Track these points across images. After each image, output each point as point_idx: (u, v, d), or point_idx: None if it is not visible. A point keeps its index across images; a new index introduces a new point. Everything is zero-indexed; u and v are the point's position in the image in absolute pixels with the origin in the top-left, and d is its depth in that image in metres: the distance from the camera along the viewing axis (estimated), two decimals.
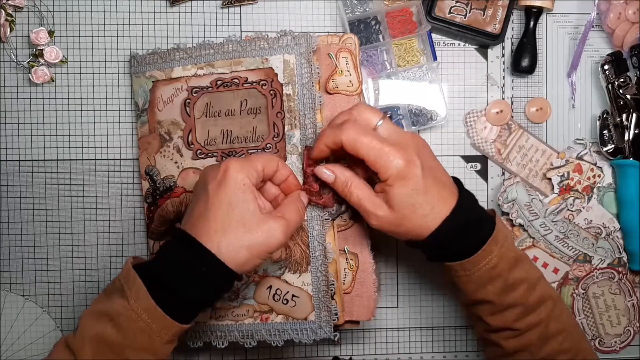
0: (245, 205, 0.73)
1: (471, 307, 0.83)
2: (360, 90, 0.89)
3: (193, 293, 0.73)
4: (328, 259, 0.85)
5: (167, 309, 0.72)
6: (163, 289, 0.72)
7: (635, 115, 0.95)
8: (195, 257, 0.72)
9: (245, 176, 0.74)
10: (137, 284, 0.72)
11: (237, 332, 0.88)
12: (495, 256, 0.77)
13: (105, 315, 0.73)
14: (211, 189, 0.74)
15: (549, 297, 0.80)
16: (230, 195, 0.73)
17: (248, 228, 0.73)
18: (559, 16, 1.00)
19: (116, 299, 0.73)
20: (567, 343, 0.80)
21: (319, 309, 0.86)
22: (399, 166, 0.75)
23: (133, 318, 0.71)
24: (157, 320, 0.72)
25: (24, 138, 0.95)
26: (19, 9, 0.94)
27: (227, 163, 0.74)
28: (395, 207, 0.76)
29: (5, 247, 0.96)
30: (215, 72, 0.88)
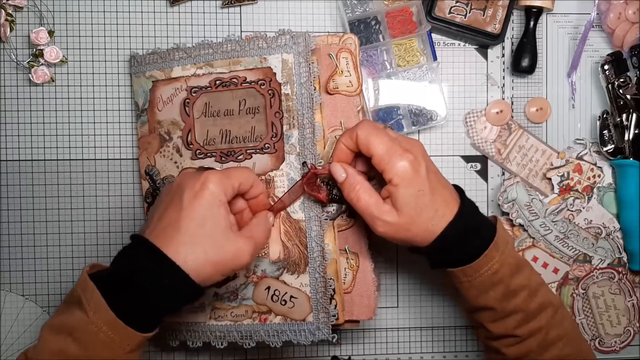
0: (218, 221, 0.73)
1: (473, 313, 0.83)
2: (360, 91, 0.89)
3: (155, 304, 0.72)
4: (326, 260, 0.85)
5: (128, 319, 0.70)
6: (124, 299, 0.70)
7: (635, 115, 0.95)
8: (160, 267, 0.71)
9: (221, 192, 0.74)
10: (96, 296, 0.70)
11: (236, 333, 0.88)
12: (496, 262, 0.77)
13: (65, 329, 0.71)
14: (186, 199, 0.73)
15: (549, 304, 0.80)
16: (205, 210, 0.73)
17: (217, 245, 0.73)
18: (559, 16, 1.00)
19: (75, 312, 0.71)
20: (568, 349, 0.80)
21: (317, 310, 0.86)
22: (405, 165, 0.75)
23: (93, 331, 0.69)
24: (118, 331, 0.70)
25: (24, 138, 0.95)
26: (19, 9, 0.94)
27: (207, 176, 0.74)
28: (401, 209, 0.76)
29: (5, 247, 0.96)
30: (214, 71, 0.88)
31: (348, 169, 0.80)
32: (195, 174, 0.75)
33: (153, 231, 0.74)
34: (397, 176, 0.75)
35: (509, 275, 0.78)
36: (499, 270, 0.77)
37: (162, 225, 0.73)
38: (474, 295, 0.79)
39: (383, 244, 0.97)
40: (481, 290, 0.78)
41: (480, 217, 0.80)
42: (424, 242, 0.78)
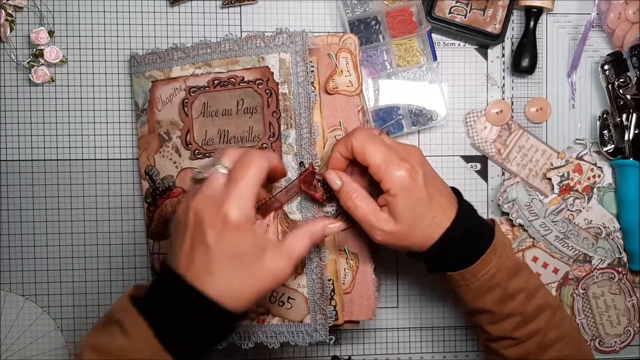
0: (250, 251, 0.70)
1: (472, 316, 0.83)
2: (360, 91, 0.89)
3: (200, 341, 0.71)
4: (323, 261, 0.85)
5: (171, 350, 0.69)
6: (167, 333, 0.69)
7: (635, 115, 0.95)
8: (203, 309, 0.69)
9: (246, 219, 0.70)
10: (139, 322, 0.69)
11: (235, 334, 0.88)
12: (493, 266, 0.77)
13: (107, 351, 0.70)
14: (211, 240, 0.69)
15: (547, 306, 0.80)
16: (234, 246, 0.69)
17: (256, 275, 0.70)
18: (559, 16, 1.00)
19: (117, 335, 0.70)
20: (567, 350, 0.80)
21: (314, 311, 0.86)
22: (402, 176, 0.75)
23: (136, 358, 0.68)
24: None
25: (24, 138, 0.95)
26: (19, 9, 0.94)
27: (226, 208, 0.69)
28: (399, 218, 0.76)
29: (5, 247, 0.96)
30: (212, 71, 0.88)
31: (343, 177, 0.80)
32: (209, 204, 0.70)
33: (188, 270, 0.70)
34: (394, 186, 0.75)
35: (506, 278, 0.78)
36: (496, 274, 0.77)
37: (195, 266, 0.70)
38: (471, 298, 0.80)
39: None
40: (478, 293, 0.78)
41: (478, 220, 0.80)
42: (422, 248, 0.78)
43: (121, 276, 0.97)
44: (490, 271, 0.77)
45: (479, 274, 0.77)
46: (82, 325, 0.97)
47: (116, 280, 0.97)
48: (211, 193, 0.71)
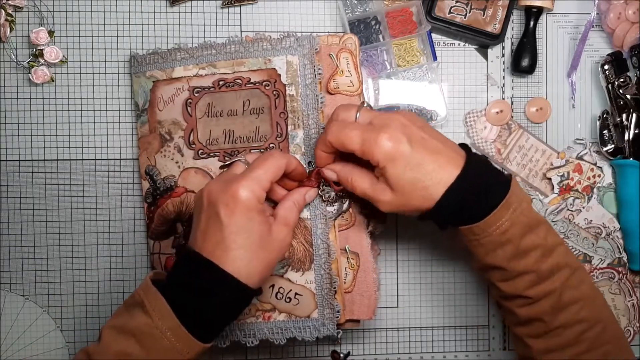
0: (261, 228, 0.75)
1: (484, 272, 0.82)
2: (360, 90, 0.89)
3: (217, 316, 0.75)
4: (331, 257, 0.86)
5: (191, 328, 0.72)
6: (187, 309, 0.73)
7: (635, 115, 0.95)
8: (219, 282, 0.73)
9: (256, 201, 0.74)
10: (161, 302, 0.72)
11: (239, 331, 0.88)
12: (506, 221, 0.76)
13: (128, 331, 0.73)
14: (224, 216, 0.73)
15: (565, 266, 0.78)
16: (245, 224, 0.74)
17: (266, 249, 0.75)
18: (559, 16, 1.00)
19: (139, 316, 0.73)
20: (584, 312, 0.78)
21: (322, 306, 0.86)
22: (384, 148, 0.74)
23: (157, 337, 0.72)
24: (182, 339, 0.72)
25: (24, 138, 0.95)
26: (19, 9, 0.94)
27: (237, 188, 0.74)
28: (395, 187, 0.76)
29: (5, 247, 0.95)
30: (217, 72, 0.88)
31: (335, 167, 0.82)
32: (224, 187, 0.75)
33: (204, 248, 0.75)
34: (380, 159, 0.75)
35: (519, 235, 0.76)
36: (508, 229, 0.76)
37: (210, 242, 0.74)
38: (482, 253, 0.79)
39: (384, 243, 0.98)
40: (489, 249, 0.78)
41: (491, 175, 0.79)
42: (427, 205, 0.77)
43: (121, 276, 0.97)
44: (503, 226, 0.76)
45: (490, 229, 0.76)
46: (82, 325, 0.97)
47: (116, 280, 0.97)
48: (227, 177, 0.77)
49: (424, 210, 0.78)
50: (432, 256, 1.00)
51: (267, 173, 0.76)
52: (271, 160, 0.77)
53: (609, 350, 0.79)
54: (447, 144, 0.78)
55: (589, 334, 0.78)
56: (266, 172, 0.76)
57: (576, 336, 0.78)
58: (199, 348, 0.74)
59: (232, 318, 0.78)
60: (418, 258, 1.00)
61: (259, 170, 0.76)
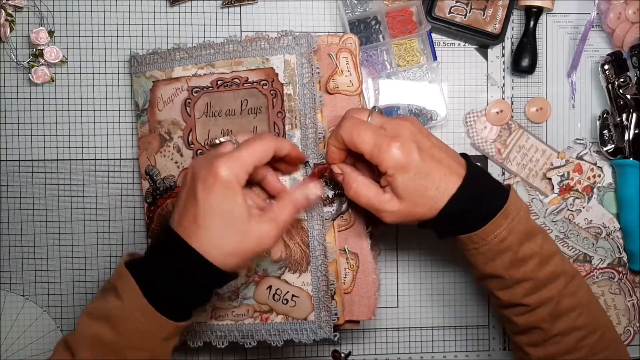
0: (236, 211, 0.72)
1: (482, 281, 0.83)
2: (360, 90, 0.89)
3: (186, 294, 0.74)
4: (328, 259, 0.86)
5: (161, 308, 0.72)
6: (156, 288, 0.72)
7: (635, 115, 0.95)
8: (188, 260, 0.72)
9: (235, 180, 0.72)
10: (130, 283, 0.72)
11: (237, 332, 0.88)
12: (504, 229, 0.76)
13: (101, 315, 0.73)
14: (200, 193, 0.72)
15: (562, 273, 0.79)
16: (220, 203, 0.72)
17: (239, 235, 0.73)
18: (559, 16, 1.00)
19: (111, 299, 0.73)
20: (581, 319, 0.79)
21: (318, 309, 0.86)
22: (396, 155, 0.75)
23: (128, 318, 0.72)
24: (151, 319, 0.72)
25: (24, 138, 0.95)
26: (19, 9, 0.94)
27: (215, 166, 0.72)
28: (403, 196, 0.76)
29: (5, 247, 0.96)
30: (215, 72, 0.88)
31: (344, 168, 0.81)
32: (206, 163, 0.74)
33: (179, 224, 0.74)
34: (390, 167, 0.75)
35: (517, 242, 0.77)
36: (506, 237, 0.76)
37: (185, 219, 0.73)
38: (481, 262, 0.79)
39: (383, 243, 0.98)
40: (488, 257, 0.78)
41: (490, 184, 0.80)
42: (429, 215, 0.77)
43: None
44: (501, 235, 0.76)
45: (489, 237, 0.77)
46: None
47: None
48: (211, 154, 0.75)
49: (426, 219, 0.78)
50: (432, 256, 1.00)
51: (252, 155, 0.74)
52: (258, 142, 0.75)
53: (608, 356, 0.80)
54: (449, 153, 0.79)
55: (588, 341, 0.79)
56: (251, 155, 0.74)
57: (575, 343, 0.78)
58: (170, 327, 0.73)
59: (205, 299, 0.77)
60: (418, 258, 1.00)
61: (244, 152, 0.74)
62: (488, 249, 0.77)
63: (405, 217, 0.78)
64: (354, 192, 0.79)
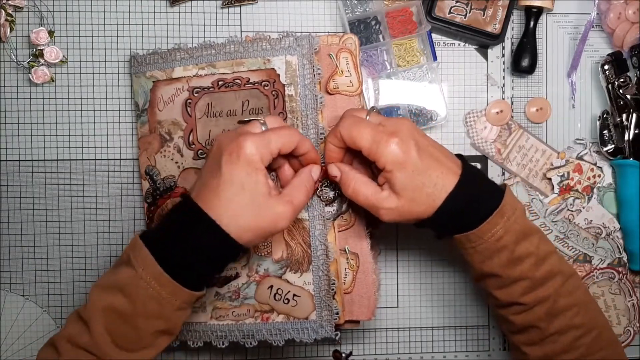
0: (257, 187, 0.74)
1: (480, 281, 0.83)
2: (360, 91, 0.89)
3: (200, 263, 0.74)
4: (329, 258, 0.86)
5: (175, 275, 0.73)
6: (170, 256, 0.73)
7: (635, 115, 0.95)
8: (204, 229, 0.73)
9: (259, 159, 0.74)
10: (144, 252, 0.73)
11: (237, 332, 0.88)
12: (501, 228, 0.77)
13: (114, 286, 0.74)
14: (224, 166, 0.73)
15: (558, 272, 0.79)
16: (242, 177, 0.73)
17: (257, 211, 0.74)
18: (559, 16, 1.00)
19: (124, 270, 0.74)
20: (578, 318, 0.79)
21: (320, 308, 0.86)
22: (394, 151, 0.75)
23: (142, 286, 0.72)
24: (166, 286, 0.73)
25: (24, 138, 0.95)
26: (19, 9, 0.94)
27: (243, 140, 0.73)
28: (401, 192, 0.76)
29: (5, 247, 0.96)
30: (216, 72, 0.88)
31: (342, 167, 0.81)
32: (233, 137, 0.75)
33: (198, 194, 0.75)
34: (388, 162, 0.76)
35: (514, 241, 0.77)
36: (503, 236, 0.77)
37: (205, 189, 0.74)
38: (478, 261, 0.80)
39: (384, 243, 0.98)
40: (485, 256, 0.78)
41: (486, 184, 0.80)
42: (427, 213, 0.78)
43: None
44: (497, 233, 0.77)
45: (485, 236, 0.77)
46: None
47: None
48: (240, 131, 0.76)
49: (424, 218, 0.78)
50: (432, 256, 1.00)
51: (278, 140, 0.75)
52: (287, 130, 0.77)
53: (605, 356, 0.80)
54: (445, 153, 0.80)
55: (585, 340, 0.79)
56: (278, 139, 0.75)
57: (571, 342, 0.79)
58: (185, 295, 0.74)
59: (218, 269, 0.78)
60: (418, 258, 1.00)
61: (272, 135, 0.75)
62: (485, 247, 0.78)
63: (403, 215, 0.78)
64: (352, 190, 0.80)
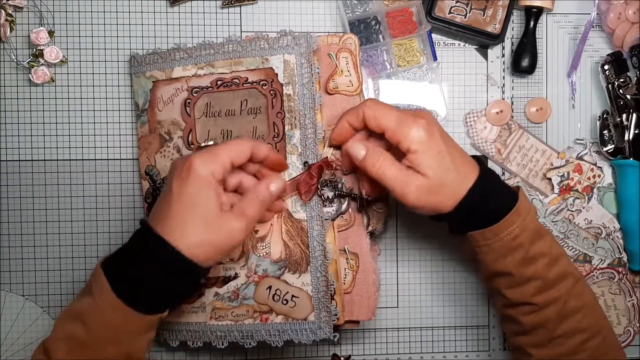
0: (207, 204, 0.73)
1: (491, 279, 0.83)
2: (360, 90, 0.89)
3: (157, 286, 0.73)
4: (328, 260, 0.86)
5: (133, 300, 0.72)
6: (126, 281, 0.72)
7: (635, 115, 0.95)
8: (158, 251, 0.72)
9: (209, 174, 0.73)
10: (101, 279, 0.72)
11: (237, 333, 0.88)
12: (517, 227, 0.77)
13: (75, 314, 0.74)
14: (174, 185, 0.73)
15: (569, 274, 0.80)
16: (192, 194, 0.73)
17: (209, 227, 0.73)
18: (559, 16, 1.00)
19: (84, 298, 0.74)
20: (586, 321, 0.79)
21: (318, 309, 0.86)
22: (419, 130, 0.75)
23: (98, 314, 0.72)
24: (121, 313, 0.72)
25: (24, 138, 0.95)
26: (19, 9, 0.94)
27: (191, 159, 0.73)
28: (427, 172, 0.76)
29: (5, 247, 0.96)
30: (215, 72, 0.88)
31: (368, 144, 0.80)
32: (184, 159, 0.75)
33: (153, 216, 0.75)
34: (413, 142, 0.75)
35: (529, 241, 0.78)
36: (519, 235, 0.77)
37: (158, 211, 0.75)
38: (492, 259, 0.79)
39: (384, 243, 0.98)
40: (500, 254, 0.78)
41: (501, 183, 0.81)
42: (450, 203, 0.77)
43: None
44: (514, 232, 0.77)
45: (502, 234, 0.77)
46: None
47: None
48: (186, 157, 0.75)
49: (444, 207, 0.78)
50: (432, 256, 1.00)
51: (228, 152, 0.75)
52: (235, 141, 0.77)
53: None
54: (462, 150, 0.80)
55: (591, 344, 0.79)
56: (227, 151, 0.75)
57: (578, 345, 0.79)
58: (143, 321, 0.73)
59: (178, 290, 0.76)
60: (418, 258, 1.00)
61: (220, 148, 0.75)
62: (500, 245, 0.78)
63: (429, 195, 0.77)
64: (380, 168, 0.78)
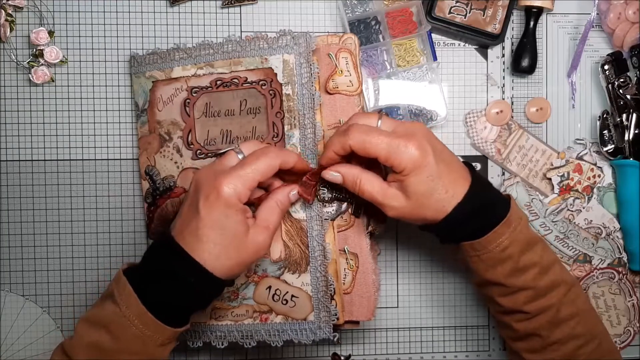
0: (237, 227, 0.74)
1: (482, 287, 0.83)
2: (360, 90, 0.89)
3: (184, 301, 0.75)
4: (327, 260, 0.85)
5: (159, 313, 0.73)
6: (154, 295, 0.73)
7: (635, 115, 0.95)
8: (190, 271, 0.73)
9: (237, 200, 0.74)
10: (128, 290, 0.73)
11: (236, 333, 0.88)
12: (506, 239, 0.77)
13: (99, 322, 0.74)
14: (202, 208, 0.74)
15: (562, 282, 0.80)
16: (222, 219, 0.74)
17: (239, 249, 0.75)
18: (559, 16, 1.00)
19: (109, 306, 0.74)
20: (580, 328, 0.79)
21: (318, 309, 0.86)
22: (413, 156, 0.75)
23: (126, 325, 0.73)
24: (149, 325, 0.73)
25: (24, 138, 0.95)
26: (19, 9, 0.94)
27: (220, 184, 0.73)
28: (412, 195, 0.76)
29: (5, 247, 0.96)
30: (214, 72, 0.88)
31: (340, 169, 0.80)
32: (211, 177, 0.75)
33: (180, 234, 0.75)
34: (407, 167, 0.75)
35: (518, 252, 0.78)
36: (508, 247, 0.77)
37: (186, 231, 0.75)
38: (482, 269, 0.80)
39: (383, 243, 0.98)
40: (489, 265, 0.79)
41: (493, 194, 0.81)
42: (435, 220, 0.78)
43: None
44: (502, 244, 0.77)
45: (491, 245, 0.77)
46: None
47: None
48: (217, 168, 0.77)
49: (430, 221, 0.78)
50: (432, 257, 1.00)
51: (255, 173, 0.75)
52: (263, 159, 0.76)
53: None
54: (456, 159, 0.80)
55: (586, 349, 0.80)
56: (255, 172, 0.75)
57: (573, 351, 0.79)
58: (169, 333, 0.74)
59: (201, 305, 0.79)
60: (418, 258, 1.00)
61: (248, 169, 0.75)
62: (489, 257, 0.78)
63: (408, 215, 0.78)
64: (359, 189, 0.79)
